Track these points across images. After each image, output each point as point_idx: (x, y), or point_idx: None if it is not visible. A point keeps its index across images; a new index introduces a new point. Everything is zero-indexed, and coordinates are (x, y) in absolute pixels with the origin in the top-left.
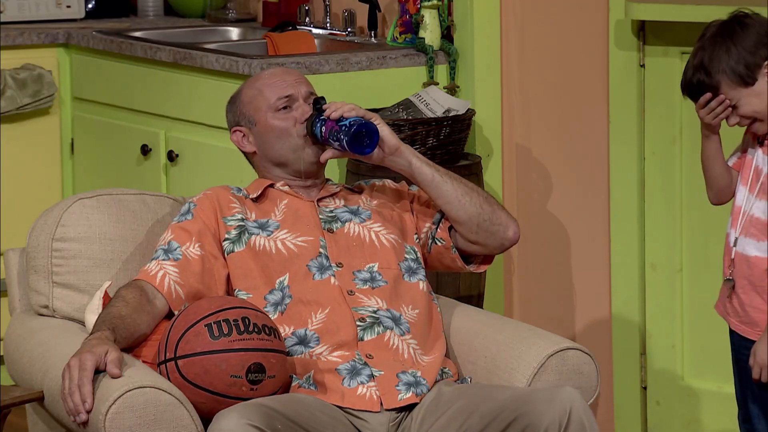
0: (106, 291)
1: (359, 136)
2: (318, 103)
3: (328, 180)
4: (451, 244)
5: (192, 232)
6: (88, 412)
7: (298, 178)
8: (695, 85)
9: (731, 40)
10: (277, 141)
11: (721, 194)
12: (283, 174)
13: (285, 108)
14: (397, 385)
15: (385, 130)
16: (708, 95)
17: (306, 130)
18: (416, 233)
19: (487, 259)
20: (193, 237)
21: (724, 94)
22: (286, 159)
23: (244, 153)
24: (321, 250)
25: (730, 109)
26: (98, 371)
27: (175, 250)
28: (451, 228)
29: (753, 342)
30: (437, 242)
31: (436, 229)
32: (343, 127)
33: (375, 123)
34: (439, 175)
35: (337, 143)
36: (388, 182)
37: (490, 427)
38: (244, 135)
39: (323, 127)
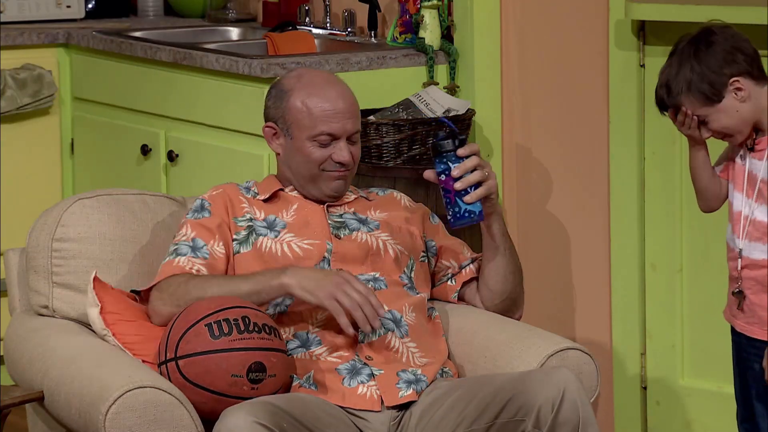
0: (95, 277)
1: (465, 224)
2: (454, 138)
3: None
4: (457, 288)
5: (214, 230)
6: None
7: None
8: (661, 103)
9: (695, 59)
10: (303, 164)
11: (711, 202)
12: (298, 183)
13: (324, 144)
14: (398, 383)
15: (489, 204)
16: (672, 112)
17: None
18: (423, 252)
19: None
20: (216, 235)
21: (691, 111)
22: (304, 180)
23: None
24: (326, 254)
25: (697, 121)
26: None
27: (202, 248)
28: (465, 282)
29: (760, 342)
30: (450, 282)
31: (459, 273)
32: (457, 209)
33: (491, 193)
34: (503, 248)
35: (444, 198)
36: (406, 198)
37: (487, 410)
38: (275, 134)
39: (443, 175)
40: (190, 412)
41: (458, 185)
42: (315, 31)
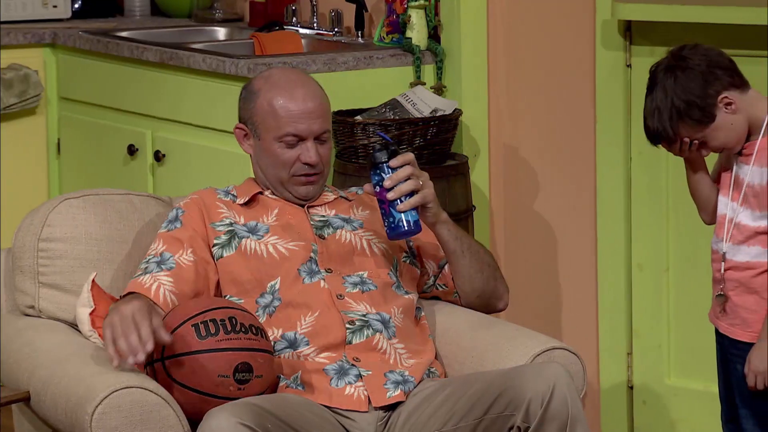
0: (93, 281)
1: (401, 235)
2: (387, 150)
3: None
4: (453, 290)
5: (183, 240)
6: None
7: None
8: (656, 135)
9: (677, 86)
10: (272, 166)
11: (713, 213)
12: (271, 184)
13: (291, 145)
14: (385, 384)
15: (430, 213)
16: (665, 142)
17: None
18: (405, 252)
19: None
20: (185, 244)
21: (688, 137)
22: (273, 183)
23: None
24: (312, 255)
25: (696, 144)
26: None
27: (168, 260)
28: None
29: (743, 343)
30: (438, 287)
31: (440, 273)
32: (392, 219)
33: (427, 202)
34: (461, 250)
35: (380, 210)
36: None
37: (477, 405)
38: (246, 135)
39: (377, 186)
40: (176, 412)
41: (391, 195)
42: (302, 31)
